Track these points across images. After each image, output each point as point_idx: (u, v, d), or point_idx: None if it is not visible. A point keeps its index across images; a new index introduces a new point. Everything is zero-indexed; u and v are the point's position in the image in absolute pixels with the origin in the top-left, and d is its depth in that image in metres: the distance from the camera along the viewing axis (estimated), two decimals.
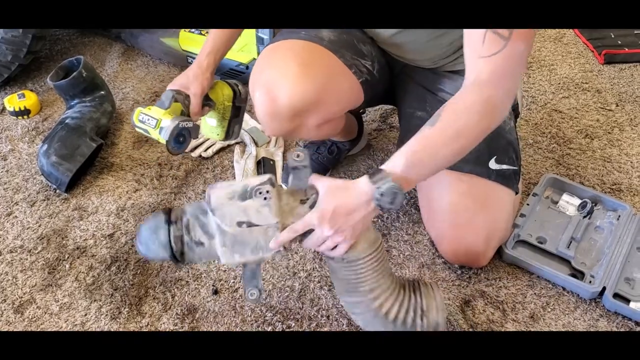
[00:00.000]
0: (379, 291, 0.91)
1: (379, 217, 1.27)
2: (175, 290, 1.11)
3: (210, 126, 1.22)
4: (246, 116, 1.53)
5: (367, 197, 0.85)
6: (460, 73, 1.13)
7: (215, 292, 1.11)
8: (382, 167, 0.86)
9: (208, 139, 1.45)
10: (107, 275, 1.13)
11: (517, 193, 1.14)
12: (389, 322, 0.92)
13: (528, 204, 1.24)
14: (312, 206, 0.87)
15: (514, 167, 1.12)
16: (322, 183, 0.87)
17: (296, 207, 0.88)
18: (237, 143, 1.46)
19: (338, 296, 1.00)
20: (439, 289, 1.00)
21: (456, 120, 0.87)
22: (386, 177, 0.84)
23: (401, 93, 1.21)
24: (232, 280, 1.13)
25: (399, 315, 0.92)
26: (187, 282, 1.12)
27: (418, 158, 0.87)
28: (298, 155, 0.84)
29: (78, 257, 1.16)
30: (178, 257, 0.89)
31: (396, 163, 0.86)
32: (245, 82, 1.62)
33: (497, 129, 1.08)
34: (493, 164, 1.08)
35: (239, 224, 0.85)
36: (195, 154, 1.41)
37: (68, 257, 1.16)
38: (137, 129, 1.09)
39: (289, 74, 0.98)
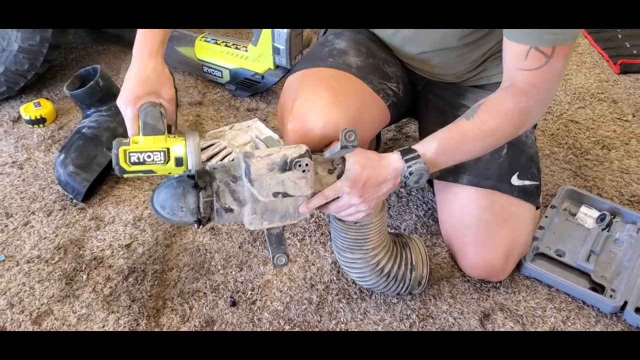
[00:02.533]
0: (379, 249, 1.01)
1: (397, 227, 1.26)
2: (193, 301, 1.11)
3: None
4: (261, 125, 1.53)
5: (396, 173, 0.91)
6: (485, 87, 1.14)
7: (233, 303, 1.10)
8: (415, 147, 0.93)
9: (224, 149, 1.45)
10: (125, 287, 1.13)
11: (537, 207, 1.13)
12: (382, 276, 1.03)
13: (546, 216, 1.23)
14: (339, 176, 0.91)
15: (536, 182, 1.11)
16: (352, 154, 0.90)
17: (325, 177, 0.91)
18: None
19: (337, 252, 1.05)
20: (424, 244, 1.09)
21: (491, 119, 0.92)
22: (417, 157, 0.90)
23: (423, 109, 1.21)
24: (249, 292, 1.12)
25: (392, 270, 1.03)
26: (205, 293, 1.12)
27: (450, 146, 0.93)
28: (350, 135, 0.83)
29: (95, 268, 1.16)
30: (204, 222, 0.90)
31: (429, 146, 0.92)
32: (260, 92, 1.64)
33: (519, 144, 1.08)
34: (515, 180, 1.08)
35: (275, 194, 0.88)
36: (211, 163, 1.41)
37: (85, 268, 1.16)
38: (128, 175, 0.84)
39: (322, 105, 0.96)
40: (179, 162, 0.84)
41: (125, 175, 0.85)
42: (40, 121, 1.52)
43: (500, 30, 1.02)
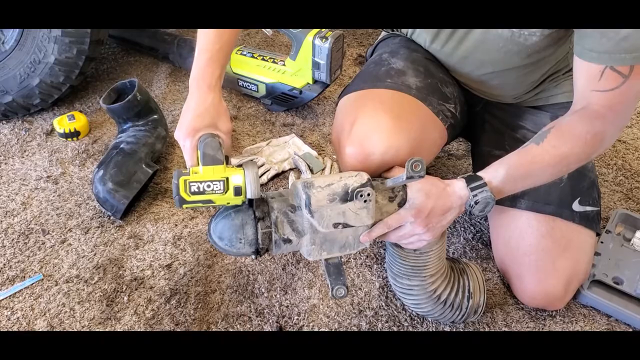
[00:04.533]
0: (437, 276, 0.98)
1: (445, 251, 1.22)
2: (238, 326, 1.07)
3: None
4: (298, 141, 1.50)
5: (461, 201, 0.88)
6: (543, 108, 1.10)
7: (280, 329, 1.06)
8: (481, 174, 0.89)
9: (262, 165, 1.41)
10: (167, 309, 1.09)
11: (598, 234, 1.09)
12: (439, 303, 1.00)
13: (602, 242, 1.19)
14: (400, 204, 0.88)
15: (597, 208, 1.07)
16: (414, 181, 0.86)
17: (385, 205, 0.88)
18: (291, 169, 1.42)
19: (393, 278, 1.02)
20: (481, 271, 1.05)
21: (562, 144, 0.87)
22: (483, 185, 0.87)
23: (478, 130, 1.17)
24: (295, 317, 1.08)
25: (449, 297, 1.00)
26: (250, 317, 1.08)
27: (518, 173, 0.88)
28: (416, 165, 0.80)
29: (136, 289, 1.13)
30: (262, 253, 0.88)
31: (496, 173, 0.88)
32: (296, 107, 1.60)
33: (581, 168, 1.04)
34: (577, 206, 1.04)
35: (335, 225, 0.85)
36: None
37: (126, 289, 1.12)
38: (187, 206, 0.83)
39: (383, 129, 0.92)
40: (238, 191, 0.83)
41: (184, 206, 0.83)
42: (74, 134, 1.49)
43: (561, 49, 0.99)
